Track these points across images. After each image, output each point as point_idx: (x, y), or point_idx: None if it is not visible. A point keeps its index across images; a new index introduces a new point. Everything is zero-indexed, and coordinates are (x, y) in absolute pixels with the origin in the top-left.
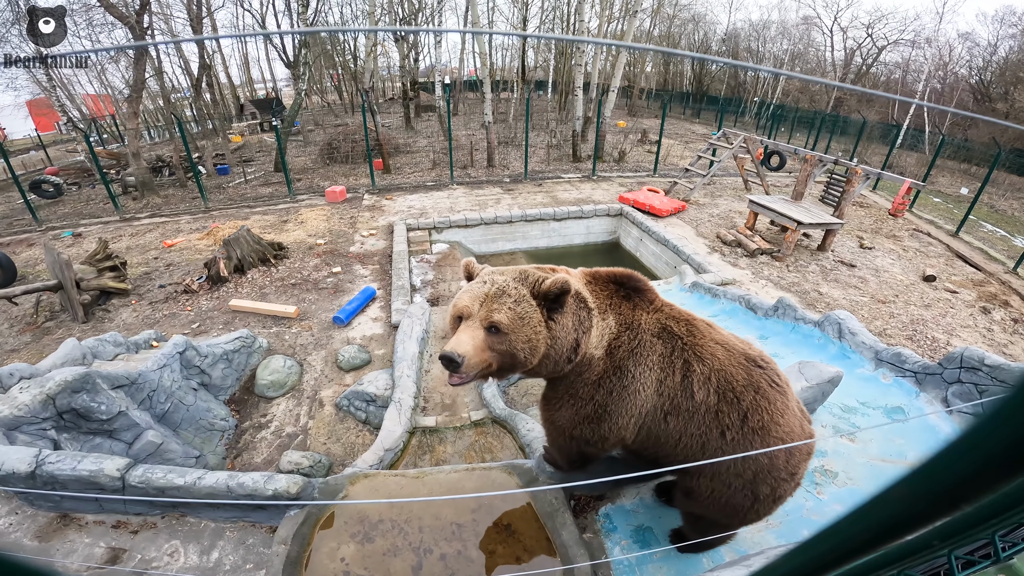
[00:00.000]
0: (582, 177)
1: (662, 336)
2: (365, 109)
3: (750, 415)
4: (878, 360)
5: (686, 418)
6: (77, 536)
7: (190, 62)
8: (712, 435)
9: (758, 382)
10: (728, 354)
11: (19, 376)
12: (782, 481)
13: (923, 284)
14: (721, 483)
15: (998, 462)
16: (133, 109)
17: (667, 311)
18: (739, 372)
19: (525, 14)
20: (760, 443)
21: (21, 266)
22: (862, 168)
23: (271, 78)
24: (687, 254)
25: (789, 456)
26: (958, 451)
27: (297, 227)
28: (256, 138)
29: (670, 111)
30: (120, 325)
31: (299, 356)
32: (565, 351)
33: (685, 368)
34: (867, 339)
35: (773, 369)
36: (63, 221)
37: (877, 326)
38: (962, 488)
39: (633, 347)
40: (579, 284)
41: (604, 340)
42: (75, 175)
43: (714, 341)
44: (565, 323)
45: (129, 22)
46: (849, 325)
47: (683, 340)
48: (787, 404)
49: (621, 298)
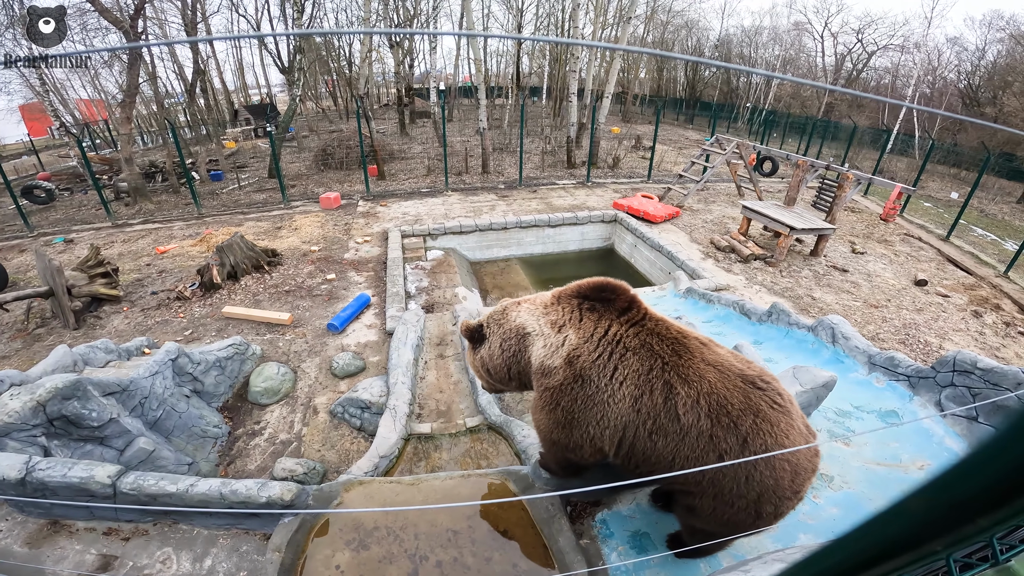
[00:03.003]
0: (576, 183)
1: (639, 352)
2: (360, 115)
3: (750, 439)
4: (871, 364)
5: (675, 440)
6: (68, 543)
7: (184, 67)
8: (709, 459)
9: (758, 405)
10: (722, 376)
11: (9, 383)
12: (786, 500)
13: (915, 288)
14: (723, 503)
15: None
16: (126, 114)
17: (651, 326)
18: (735, 395)
19: (520, 20)
20: (764, 467)
21: (12, 272)
22: (853, 173)
23: (266, 83)
24: (681, 260)
25: (795, 475)
26: (977, 463)
27: (291, 234)
28: (250, 144)
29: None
30: (112, 332)
31: (293, 363)
32: (501, 372)
33: (667, 389)
34: (860, 343)
35: (774, 389)
36: (55, 227)
37: (870, 330)
38: (981, 500)
39: (594, 359)
40: (527, 314)
41: (560, 352)
42: (67, 180)
43: (705, 362)
44: (492, 351)
45: (123, 27)
46: (842, 330)
47: (664, 360)
48: (792, 424)
49: (585, 311)
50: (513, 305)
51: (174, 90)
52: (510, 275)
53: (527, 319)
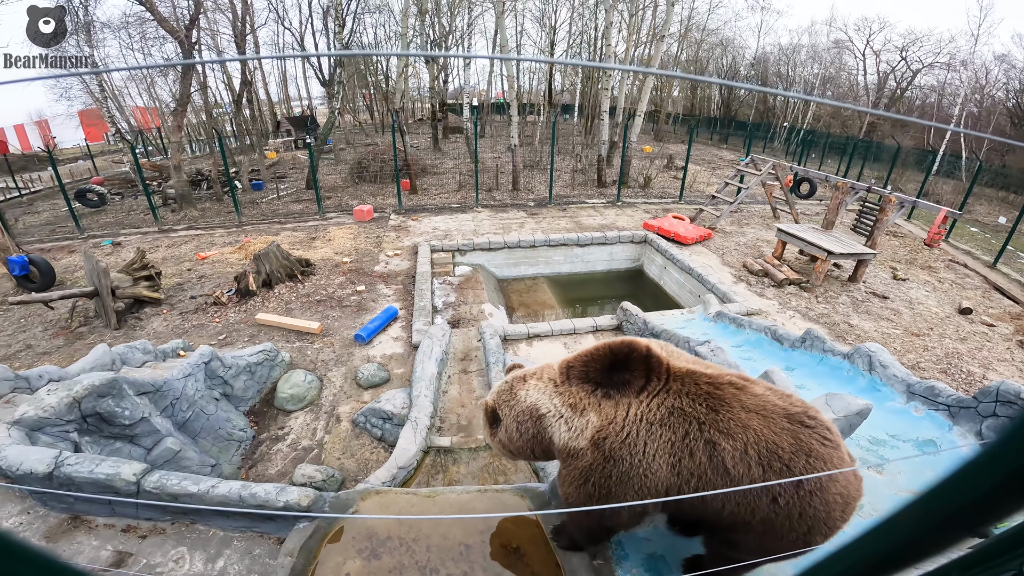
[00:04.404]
0: (606, 203)
1: (668, 422)
2: (395, 129)
3: (804, 480)
4: (910, 393)
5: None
6: (85, 538)
7: (232, 78)
8: (762, 503)
9: (809, 445)
10: (766, 421)
11: (48, 378)
12: (836, 528)
13: (959, 317)
14: (773, 538)
15: (1012, 484)
16: (177, 122)
17: (676, 388)
18: (784, 439)
19: (553, 38)
20: (818, 502)
21: (60, 272)
22: (896, 196)
23: (307, 96)
24: (712, 283)
25: (846, 505)
26: (970, 472)
27: (325, 244)
28: (290, 155)
29: (697, 136)
30: (150, 333)
31: (320, 371)
32: (524, 451)
33: (710, 448)
34: (899, 372)
35: (822, 424)
36: (104, 230)
37: (910, 359)
38: (976, 510)
39: (623, 439)
40: (538, 393)
41: (585, 435)
42: (119, 185)
43: (746, 409)
44: (510, 433)
45: (179, 37)
46: (880, 358)
47: (701, 420)
48: (843, 457)
49: (601, 397)
50: (519, 382)
51: (222, 100)
52: (537, 293)
53: (538, 398)
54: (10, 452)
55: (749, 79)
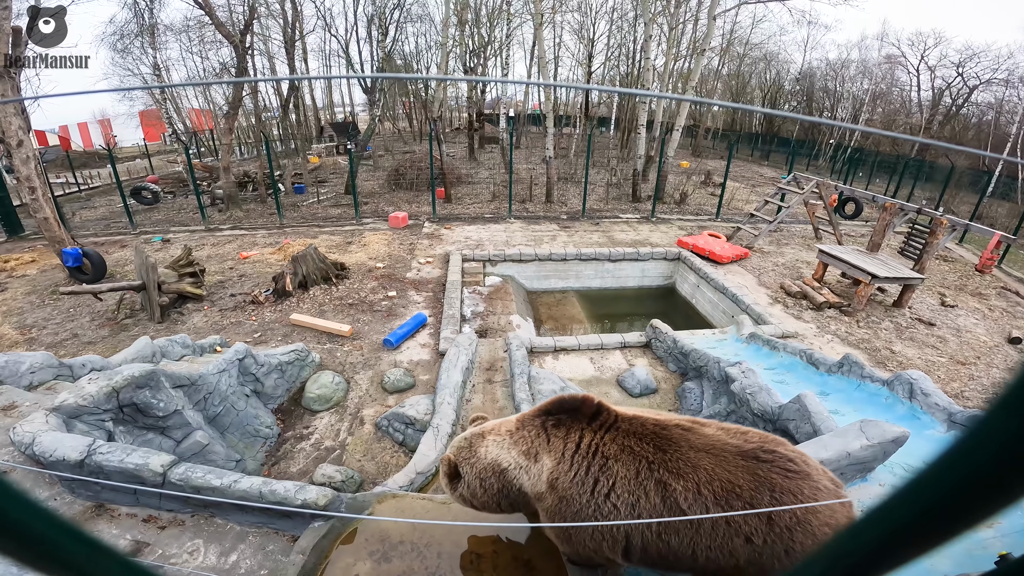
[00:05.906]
0: (640, 218)
1: (620, 458)
2: (432, 138)
3: (775, 516)
4: (951, 422)
5: (689, 534)
6: (106, 527)
7: (281, 83)
8: (736, 544)
9: (769, 479)
10: (717, 460)
11: (90, 367)
12: None
13: (1008, 346)
14: (765, 574)
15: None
16: (229, 125)
17: (625, 427)
18: (740, 476)
19: (591, 50)
20: (802, 536)
21: (111, 265)
22: (948, 219)
23: (350, 102)
24: (746, 304)
25: None
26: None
27: (360, 249)
28: (331, 160)
29: (737, 152)
30: (191, 328)
31: (347, 374)
32: (490, 505)
33: (661, 488)
34: (941, 400)
35: (782, 455)
36: (155, 227)
37: (954, 388)
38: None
39: (572, 477)
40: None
41: (543, 479)
42: (172, 184)
43: (695, 449)
44: (473, 489)
45: (234, 41)
46: (922, 385)
47: (648, 459)
48: (816, 487)
49: (551, 428)
50: (477, 438)
51: (271, 104)
52: (566, 307)
53: (498, 453)
54: (45, 439)
55: (794, 94)
